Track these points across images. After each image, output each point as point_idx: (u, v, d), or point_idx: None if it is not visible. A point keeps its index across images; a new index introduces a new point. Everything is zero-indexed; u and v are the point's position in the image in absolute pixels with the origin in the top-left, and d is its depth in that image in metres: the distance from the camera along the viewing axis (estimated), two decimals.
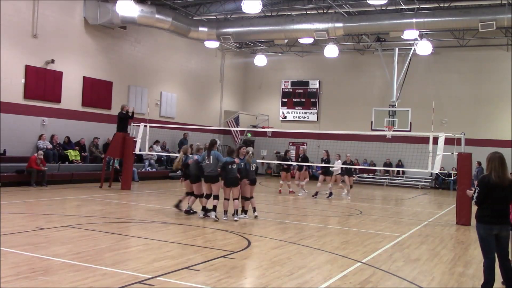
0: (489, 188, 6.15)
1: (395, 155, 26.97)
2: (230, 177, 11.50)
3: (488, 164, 6.27)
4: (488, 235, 6.21)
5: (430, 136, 14.61)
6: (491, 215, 6.18)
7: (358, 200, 18.59)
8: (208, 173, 11.61)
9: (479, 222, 6.30)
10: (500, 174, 6.13)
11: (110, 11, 20.48)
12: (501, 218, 6.20)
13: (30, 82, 18.64)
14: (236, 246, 8.81)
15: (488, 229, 6.20)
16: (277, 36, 23.15)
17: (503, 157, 6.26)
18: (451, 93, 27.21)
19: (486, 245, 6.25)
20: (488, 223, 6.19)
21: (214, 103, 30.60)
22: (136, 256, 7.76)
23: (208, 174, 11.60)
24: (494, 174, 6.16)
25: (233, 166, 11.49)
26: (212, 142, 11.78)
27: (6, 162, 16.98)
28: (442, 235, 11.47)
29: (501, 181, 6.11)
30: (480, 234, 6.29)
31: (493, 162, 6.20)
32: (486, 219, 6.21)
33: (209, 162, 11.56)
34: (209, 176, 11.61)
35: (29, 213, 11.50)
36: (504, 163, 6.19)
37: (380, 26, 21.39)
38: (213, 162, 11.51)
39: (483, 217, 6.24)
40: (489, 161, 6.26)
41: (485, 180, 6.20)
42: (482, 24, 19.07)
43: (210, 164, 11.56)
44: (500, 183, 6.11)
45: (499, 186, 6.11)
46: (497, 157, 6.22)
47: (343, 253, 8.69)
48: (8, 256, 7.19)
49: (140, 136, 18.24)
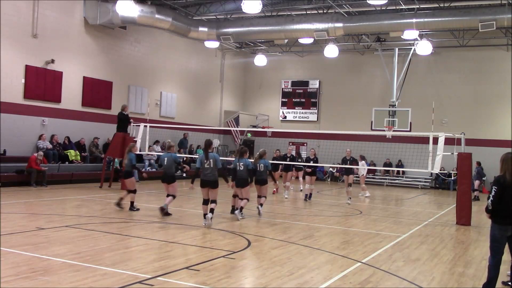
0: (504, 189, 6.12)
1: (395, 155, 26.97)
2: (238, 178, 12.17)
3: (502, 164, 6.25)
4: (502, 236, 6.20)
5: (430, 136, 14.60)
6: (507, 216, 6.15)
7: (358, 200, 18.59)
8: (206, 178, 10.70)
9: (495, 223, 6.26)
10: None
11: (110, 11, 20.48)
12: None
13: (30, 82, 18.64)
14: (236, 246, 8.81)
15: (503, 230, 6.19)
16: (277, 36, 23.15)
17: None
18: (451, 93, 27.21)
19: (497, 246, 6.22)
20: (504, 224, 6.17)
21: (214, 103, 30.60)
22: (136, 256, 7.76)
23: (206, 178, 10.70)
24: (508, 174, 6.14)
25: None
26: (208, 143, 10.90)
27: (6, 162, 16.98)
28: (442, 235, 11.47)
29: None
30: (494, 234, 6.26)
31: (507, 162, 6.19)
32: (502, 220, 6.18)
33: (209, 165, 10.69)
34: (206, 181, 10.71)
35: (29, 213, 11.50)
36: None
37: (380, 26, 21.39)
38: (212, 165, 10.71)
39: (499, 217, 6.21)
40: (503, 161, 6.24)
41: (500, 180, 6.18)
42: (482, 24, 19.08)
43: (209, 168, 10.70)
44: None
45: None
46: (511, 157, 6.21)
47: (343, 253, 8.69)
48: (8, 256, 7.19)
49: (140, 136, 18.24)
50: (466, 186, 13.45)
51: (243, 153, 12.30)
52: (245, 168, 11.96)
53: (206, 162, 10.68)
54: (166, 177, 11.94)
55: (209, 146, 10.88)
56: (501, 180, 6.17)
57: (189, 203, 15.27)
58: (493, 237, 6.27)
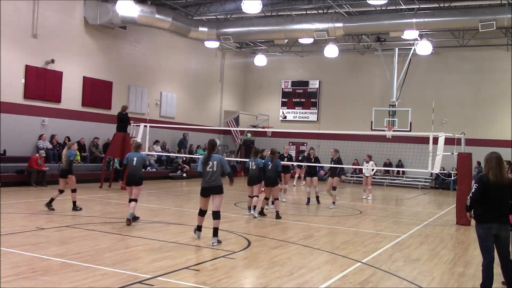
0: (487, 188, 6.18)
1: (395, 155, 26.96)
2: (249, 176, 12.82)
3: (485, 164, 6.32)
4: (487, 235, 6.22)
5: (430, 136, 14.61)
6: (490, 215, 6.20)
7: (358, 200, 18.58)
8: (208, 184, 8.93)
9: (478, 223, 6.32)
10: (498, 173, 6.17)
11: (110, 11, 20.48)
12: (500, 218, 6.21)
13: (30, 82, 18.64)
14: (236, 246, 8.81)
15: (487, 229, 6.21)
16: (277, 36, 23.16)
17: (500, 157, 6.31)
18: (451, 93, 27.20)
19: (485, 245, 6.25)
20: (487, 222, 6.20)
21: (214, 103, 30.60)
22: (136, 256, 7.76)
23: (208, 185, 8.94)
24: (491, 173, 6.20)
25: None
26: (213, 143, 9.19)
27: (6, 162, 16.98)
28: (442, 235, 11.47)
29: (498, 180, 6.15)
30: (479, 234, 6.30)
31: (490, 162, 6.25)
32: (484, 219, 6.23)
33: (211, 169, 8.91)
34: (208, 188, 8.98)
35: (29, 213, 11.50)
36: (501, 163, 6.24)
37: (380, 26, 21.39)
38: (216, 169, 8.92)
39: (482, 217, 6.26)
40: (487, 161, 6.31)
41: (483, 179, 6.24)
42: (482, 24, 19.07)
43: (212, 172, 8.93)
44: (498, 183, 6.14)
45: (496, 185, 6.14)
46: (495, 157, 6.26)
47: (343, 253, 8.69)
48: (8, 256, 7.20)
49: (140, 136, 18.25)
50: (466, 186, 13.43)
51: (256, 153, 13.00)
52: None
53: (209, 165, 8.90)
54: (134, 179, 10.77)
55: (213, 148, 9.16)
56: (483, 178, 6.24)
57: (189, 203, 15.28)
58: (480, 237, 6.31)
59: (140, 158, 10.88)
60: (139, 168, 10.91)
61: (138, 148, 11.14)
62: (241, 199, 15.62)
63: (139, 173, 10.87)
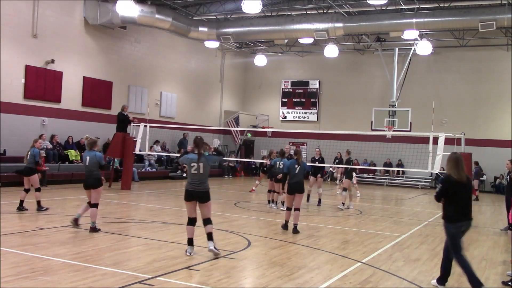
0: (452, 187, 6.44)
1: (395, 155, 26.95)
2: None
3: (446, 165, 6.62)
4: (458, 233, 6.49)
5: (430, 136, 14.61)
6: (459, 213, 6.47)
7: (358, 200, 18.57)
8: (192, 187, 7.92)
9: (449, 222, 6.53)
10: (456, 173, 6.45)
11: (110, 11, 20.48)
12: (467, 215, 6.53)
13: (30, 82, 18.64)
14: (236, 246, 8.82)
15: (458, 227, 6.48)
16: (277, 36, 23.16)
17: (459, 157, 6.61)
18: (451, 93, 27.20)
19: (456, 242, 6.47)
20: (458, 221, 6.48)
21: (214, 103, 30.60)
22: (136, 256, 7.76)
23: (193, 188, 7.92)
24: (452, 173, 6.49)
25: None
26: (198, 142, 7.99)
27: (6, 162, 16.97)
28: (442, 235, 11.34)
29: (459, 178, 6.43)
30: (451, 233, 6.52)
31: (449, 162, 6.57)
32: (455, 218, 6.48)
33: (197, 171, 7.86)
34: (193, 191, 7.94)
35: (29, 213, 11.49)
36: (459, 162, 6.52)
37: (380, 26, 21.40)
38: (204, 171, 7.88)
39: (452, 216, 6.50)
40: (447, 162, 6.60)
41: (448, 178, 6.52)
42: (482, 24, 19.08)
43: (198, 175, 7.88)
44: (460, 181, 6.43)
45: (459, 184, 6.43)
46: (453, 157, 6.59)
47: (343, 253, 8.69)
48: (8, 256, 7.20)
49: (140, 136, 18.25)
50: None
51: (283, 154, 13.52)
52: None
53: (193, 167, 7.85)
54: (90, 180, 9.57)
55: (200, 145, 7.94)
56: (448, 178, 6.52)
57: None
58: (452, 236, 6.52)
59: (93, 157, 9.59)
60: (94, 169, 9.59)
61: (92, 145, 9.81)
62: (241, 199, 15.62)
63: (95, 174, 9.58)
